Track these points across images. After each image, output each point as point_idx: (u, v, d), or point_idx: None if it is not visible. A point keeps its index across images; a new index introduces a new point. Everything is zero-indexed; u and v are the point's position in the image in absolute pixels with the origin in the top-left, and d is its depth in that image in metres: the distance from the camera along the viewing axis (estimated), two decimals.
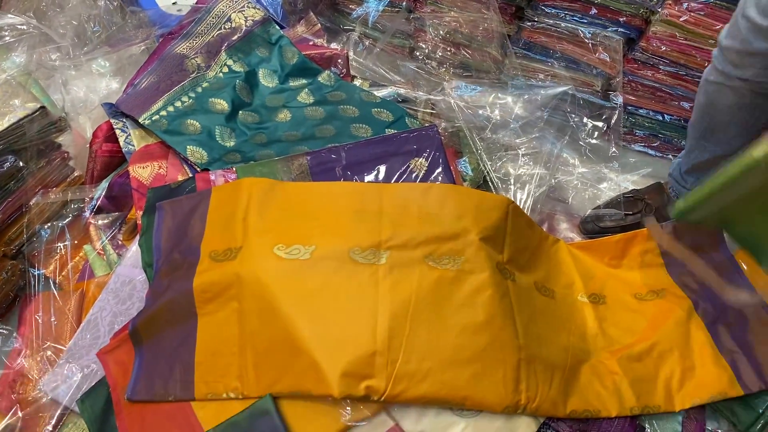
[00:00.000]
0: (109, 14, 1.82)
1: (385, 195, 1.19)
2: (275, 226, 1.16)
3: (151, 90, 1.56)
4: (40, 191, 1.45)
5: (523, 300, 1.18)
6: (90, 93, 1.74)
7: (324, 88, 1.64)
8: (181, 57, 1.63)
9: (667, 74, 1.54)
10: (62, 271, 1.43)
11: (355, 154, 1.38)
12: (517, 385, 1.06)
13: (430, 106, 1.65)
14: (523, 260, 1.27)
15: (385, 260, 1.11)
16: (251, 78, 1.63)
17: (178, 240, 1.23)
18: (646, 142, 1.71)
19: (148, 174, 1.41)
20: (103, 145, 1.50)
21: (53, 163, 1.49)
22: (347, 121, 1.52)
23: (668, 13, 1.42)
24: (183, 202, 1.27)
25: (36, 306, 1.35)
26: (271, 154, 1.43)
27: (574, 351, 1.20)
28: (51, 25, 1.78)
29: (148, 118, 1.48)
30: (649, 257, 1.43)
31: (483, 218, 1.19)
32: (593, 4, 1.53)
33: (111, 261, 1.40)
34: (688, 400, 1.18)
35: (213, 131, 1.47)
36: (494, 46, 1.70)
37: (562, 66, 1.68)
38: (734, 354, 1.23)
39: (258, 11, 1.70)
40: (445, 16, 1.73)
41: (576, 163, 1.66)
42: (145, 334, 1.15)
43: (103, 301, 1.29)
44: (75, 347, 1.25)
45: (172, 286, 1.15)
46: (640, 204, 1.51)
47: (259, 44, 1.67)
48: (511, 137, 1.61)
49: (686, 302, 1.32)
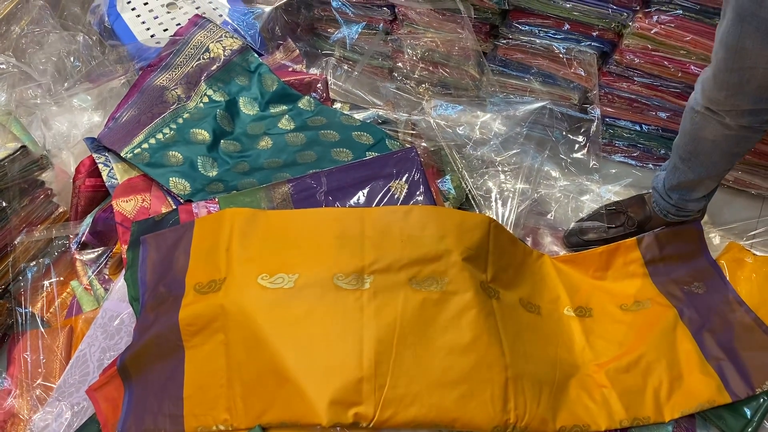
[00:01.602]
0: (88, 49, 1.83)
1: (367, 219, 1.20)
2: (258, 255, 1.17)
3: (132, 123, 1.57)
4: (25, 230, 1.46)
5: (509, 318, 1.18)
6: (72, 128, 1.74)
7: (304, 113, 1.65)
8: (161, 89, 1.63)
9: (642, 85, 1.56)
10: (50, 308, 1.43)
11: (336, 179, 1.39)
12: (506, 404, 1.07)
13: (411, 126, 1.66)
14: (507, 278, 1.27)
15: (369, 285, 1.12)
16: (232, 107, 1.64)
17: (163, 274, 1.23)
18: (627, 153, 1.73)
19: (132, 207, 1.41)
20: (87, 180, 1.50)
21: (37, 200, 1.50)
22: (328, 145, 1.53)
23: (639, 26, 1.44)
24: (166, 236, 1.28)
25: (24, 345, 1.34)
26: (254, 182, 1.43)
27: (561, 366, 1.21)
28: (31, 62, 1.79)
29: (129, 152, 1.48)
30: (633, 267, 1.45)
31: (465, 238, 1.20)
32: (566, 19, 1.55)
33: (98, 296, 1.40)
34: (677, 410, 1.19)
35: (195, 162, 1.48)
36: (471, 65, 1.72)
37: (539, 81, 1.70)
38: (721, 361, 1.24)
39: (236, 41, 1.71)
40: (421, 37, 1.75)
41: (557, 176, 1.67)
42: (134, 369, 1.15)
43: (91, 336, 1.29)
44: (64, 385, 1.24)
45: (158, 320, 1.15)
46: (622, 217, 1.52)
47: (238, 73, 1.69)
48: (492, 154, 1.62)
49: (671, 311, 1.33)
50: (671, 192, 1.41)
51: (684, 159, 1.31)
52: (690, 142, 1.26)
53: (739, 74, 1.03)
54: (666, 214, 1.46)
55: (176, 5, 1.89)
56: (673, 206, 1.42)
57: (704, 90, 1.13)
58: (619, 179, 1.69)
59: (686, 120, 1.24)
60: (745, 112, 1.11)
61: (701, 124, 1.20)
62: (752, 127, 1.15)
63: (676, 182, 1.37)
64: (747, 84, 1.04)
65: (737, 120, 1.13)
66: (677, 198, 1.40)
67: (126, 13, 1.87)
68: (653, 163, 1.71)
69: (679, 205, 1.42)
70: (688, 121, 1.24)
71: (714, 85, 1.09)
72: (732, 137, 1.18)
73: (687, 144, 1.27)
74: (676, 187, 1.38)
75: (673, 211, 1.44)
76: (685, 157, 1.30)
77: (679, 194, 1.40)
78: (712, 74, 1.08)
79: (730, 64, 1.02)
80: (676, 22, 1.41)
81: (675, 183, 1.37)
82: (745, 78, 1.03)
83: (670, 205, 1.43)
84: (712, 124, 1.18)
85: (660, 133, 1.65)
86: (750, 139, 1.20)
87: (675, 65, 1.47)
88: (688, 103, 1.22)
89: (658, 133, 1.65)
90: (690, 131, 1.24)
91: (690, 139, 1.26)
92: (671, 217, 1.46)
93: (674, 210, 1.43)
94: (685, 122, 1.25)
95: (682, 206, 1.42)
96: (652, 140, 1.68)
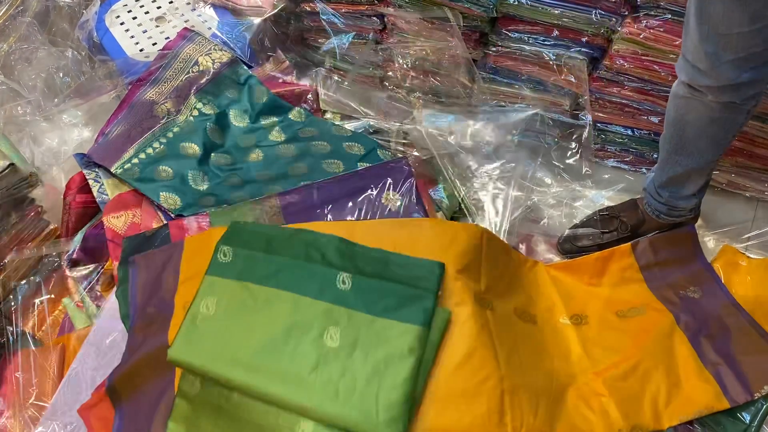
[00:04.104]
0: (77, 64, 1.82)
1: (357, 233, 1.19)
2: None
3: (122, 138, 1.57)
4: (15, 248, 1.45)
5: (504, 329, 1.17)
6: (62, 144, 1.74)
7: (295, 125, 1.64)
8: (151, 103, 1.63)
9: (633, 90, 1.56)
10: (41, 326, 1.42)
11: (328, 191, 1.38)
12: (502, 418, 1.05)
13: (403, 135, 1.65)
14: (501, 287, 1.27)
15: None
16: (222, 119, 1.63)
17: (152, 294, 1.22)
18: (619, 158, 1.72)
19: (123, 223, 1.40)
20: (77, 196, 1.49)
21: (27, 218, 1.49)
22: (319, 157, 1.52)
23: (628, 31, 1.44)
24: (156, 256, 1.27)
25: (16, 364, 1.33)
26: (245, 195, 1.43)
27: (558, 376, 1.20)
28: (20, 79, 1.79)
29: (120, 167, 1.48)
30: (628, 273, 1.44)
31: (457, 250, 1.19)
32: (555, 26, 1.55)
33: (90, 313, 1.39)
34: (676, 417, 1.18)
35: (186, 176, 1.47)
36: (462, 72, 1.72)
37: (529, 88, 1.69)
38: (718, 366, 1.24)
39: (225, 53, 1.70)
40: (411, 46, 1.74)
41: (550, 183, 1.67)
42: (123, 390, 1.14)
43: (83, 354, 1.28)
44: (57, 404, 1.23)
45: (147, 341, 1.15)
46: (615, 222, 1.51)
47: (228, 85, 1.68)
48: (484, 162, 1.62)
49: (668, 317, 1.33)
50: (661, 190, 1.41)
51: (671, 152, 1.31)
52: (676, 132, 1.26)
53: (715, 43, 1.03)
54: (658, 215, 1.46)
55: (165, 19, 1.89)
56: (664, 205, 1.42)
57: (685, 65, 1.14)
58: (612, 184, 1.68)
59: (670, 109, 1.25)
60: (725, 88, 1.11)
61: (685, 109, 1.20)
62: (734, 104, 1.14)
63: (665, 178, 1.37)
64: (723, 53, 1.04)
65: (718, 96, 1.13)
66: (668, 196, 1.40)
67: (114, 28, 1.87)
68: (646, 167, 1.71)
69: (670, 204, 1.42)
70: (672, 110, 1.24)
71: (695, 56, 1.09)
72: (716, 120, 1.19)
73: (673, 134, 1.28)
74: (665, 183, 1.39)
75: (665, 210, 1.44)
76: (673, 150, 1.30)
77: (669, 192, 1.40)
78: (693, 46, 1.08)
79: (704, 32, 1.03)
80: (664, 26, 1.41)
81: (664, 179, 1.38)
82: (720, 46, 1.03)
83: (661, 204, 1.43)
84: (695, 107, 1.18)
85: (652, 137, 1.64)
86: (734, 121, 1.20)
87: (665, 69, 1.47)
88: (671, 93, 1.23)
89: (650, 137, 1.65)
90: (674, 119, 1.25)
91: (675, 128, 1.26)
92: (664, 218, 1.46)
93: (666, 209, 1.43)
94: (669, 112, 1.26)
95: (673, 205, 1.42)
96: (644, 144, 1.67)
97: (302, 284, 1.11)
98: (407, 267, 1.13)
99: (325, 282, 1.11)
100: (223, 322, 1.09)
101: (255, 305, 1.10)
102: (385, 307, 1.09)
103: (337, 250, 1.15)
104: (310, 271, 1.12)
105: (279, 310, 1.09)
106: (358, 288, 1.11)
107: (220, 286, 1.12)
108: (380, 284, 1.11)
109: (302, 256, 1.15)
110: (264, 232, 1.20)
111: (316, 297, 1.09)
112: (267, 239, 1.18)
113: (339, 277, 1.11)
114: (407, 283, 1.11)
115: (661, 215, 1.46)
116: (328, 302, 1.09)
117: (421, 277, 1.12)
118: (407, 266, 1.14)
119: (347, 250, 1.16)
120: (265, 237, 1.19)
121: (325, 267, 1.13)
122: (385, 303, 1.09)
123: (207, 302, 1.10)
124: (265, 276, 1.13)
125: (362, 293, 1.10)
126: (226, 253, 1.15)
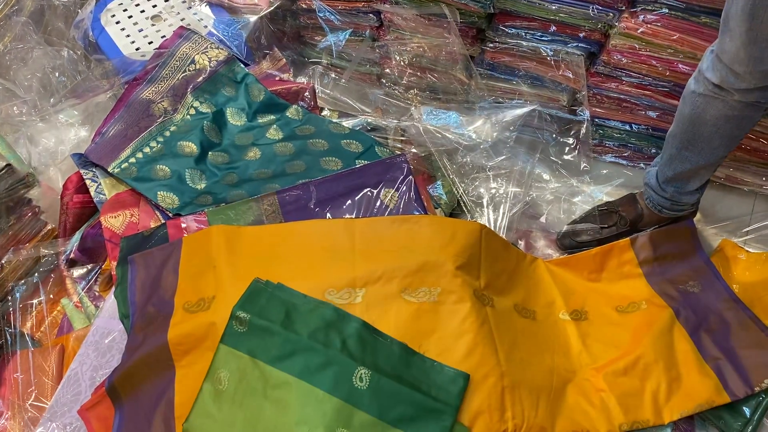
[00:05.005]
0: (73, 64, 1.82)
1: (357, 230, 1.19)
2: (248, 273, 1.16)
3: (119, 137, 1.56)
4: (12, 248, 1.44)
5: (504, 325, 1.17)
6: (59, 144, 1.74)
7: (292, 122, 1.64)
8: (148, 102, 1.62)
9: (631, 85, 1.55)
10: (40, 327, 1.41)
11: (326, 189, 1.38)
12: (503, 414, 1.05)
13: (401, 132, 1.65)
14: (500, 283, 1.26)
15: (361, 299, 1.11)
16: (219, 118, 1.63)
17: (152, 293, 1.22)
18: (617, 153, 1.72)
19: (120, 223, 1.40)
20: (75, 196, 1.49)
21: (24, 218, 1.49)
22: (317, 155, 1.52)
23: (626, 26, 1.44)
24: (155, 255, 1.26)
25: (14, 365, 1.33)
26: (243, 194, 1.42)
27: (558, 371, 1.20)
28: (15, 79, 1.78)
29: (117, 167, 1.47)
30: (627, 268, 1.44)
31: (456, 247, 1.19)
32: (552, 21, 1.54)
33: (89, 313, 1.38)
34: (676, 412, 1.18)
35: (183, 175, 1.47)
36: (459, 69, 1.71)
37: (527, 84, 1.69)
38: (718, 361, 1.24)
39: (221, 51, 1.70)
40: (408, 43, 1.74)
41: (549, 179, 1.67)
42: (123, 390, 1.13)
43: (82, 355, 1.27)
44: (56, 405, 1.23)
45: (146, 340, 1.14)
46: (614, 216, 1.52)
47: (224, 84, 1.67)
48: (483, 158, 1.61)
49: (667, 311, 1.32)
50: (666, 185, 1.40)
51: (681, 148, 1.30)
52: (689, 129, 1.25)
53: (762, 47, 1.02)
54: (660, 210, 1.45)
55: (161, 17, 1.88)
56: (668, 200, 1.42)
57: (718, 66, 1.12)
58: (611, 179, 1.68)
59: (686, 105, 1.23)
60: (757, 89, 1.11)
61: (703, 106, 1.19)
62: (757, 103, 1.15)
63: (671, 174, 1.36)
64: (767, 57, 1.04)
65: (746, 96, 1.13)
66: (673, 191, 1.40)
67: (110, 27, 1.86)
68: (644, 162, 1.71)
69: (674, 199, 1.41)
70: (688, 106, 1.22)
71: (735, 59, 1.07)
72: (734, 118, 1.18)
73: (685, 131, 1.26)
74: (671, 179, 1.38)
75: (668, 205, 1.43)
76: (683, 146, 1.29)
77: (675, 187, 1.39)
78: (734, 49, 1.06)
79: (753, 36, 1.01)
80: (662, 21, 1.41)
81: (670, 175, 1.37)
82: (766, 50, 1.03)
83: (664, 200, 1.43)
84: (715, 106, 1.17)
85: (650, 132, 1.64)
86: (752, 119, 1.20)
87: (662, 64, 1.47)
88: (688, 88, 1.21)
89: (648, 132, 1.65)
90: (690, 116, 1.23)
91: (689, 125, 1.25)
92: (666, 212, 1.46)
93: (669, 204, 1.43)
94: (684, 108, 1.24)
95: (677, 200, 1.41)
96: (643, 139, 1.67)
97: (317, 374, 1.03)
98: (430, 372, 1.07)
99: (341, 375, 1.03)
100: (233, 400, 1.04)
101: (265, 389, 1.04)
102: (400, 415, 1.02)
103: (359, 337, 1.07)
104: (327, 359, 1.04)
105: (289, 400, 1.03)
106: (375, 388, 1.03)
107: (233, 359, 1.07)
108: (398, 388, 1.04)
109: (321, 339, 1.07)
110: (284, 299, 1.12)
111: (329, 391, 1.02)
112: (287, 310, 1.10)
113: (357, 372, 1.04)
114: (427, 392, 1.05)
115: (663, 210, 1.45)
116: (341, 399, 1.01)
117: (443, 388, 1.05)
118: (430, 371, 1.07)
119: (369, 339, 1.08)
120: (284, 306, 1.11)
121: (344, 356, 1.05)
122: (401, 411, 1.03)
123: (221, 375, 1.06)
124: (279, 357, 1.05)
125: (378, 395, 1.03)
126: (242, 321, 1.08)
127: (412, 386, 1.05)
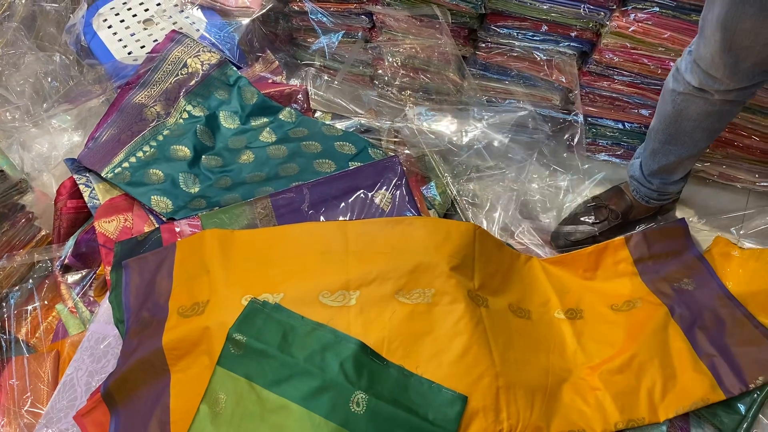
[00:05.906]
0: (65, 69, 1.81)
1: (350, 232, 1.19)
2: (242, 277, 1.15)
3: (112, 142, 1.56)
4: (6, 255, 1.44)
5: (498, 325, 1.17)
6: (52, 149, 1.73)
7: (285, 125, 1.64)
8: (140, 106, 1.62)
9: (623, 84, 1.56)
10: (35, 332, 1.41)
11: (319, 191, 1.38)
12: (498, 414, 1.05)
13: (394, 133, 1.65)
14: (495, 284, 1.27)
15: (355, 301, 1.11)
16: (212, 121, 1.62)
17: (146, 298, 1.22)
18: (611, 151, 1.73)
19: (114, 228, 1.40)
20: (68, 201, 1.48)
21: (18, 224, 1.48)
22: (310, 157, 1.52)
23: (617, 24, 1.44)
24: (149, 260, 1.26)
25: (9, 371, 1.32)
26: (237, 197, 1.42)
27: (554, 371, 1.20)
28: (7, 84, 1.77)
29: (110, 172, 1.47)
30: (622, 266, 1.44)
31: (450, 248, 1.19)
32: (544, 21, 1.55)
33: (84, 318, 1.38)
34: (672, 410, 1.18)
35: (176, 179, 1.47)
36: (452, 69, 1.72)
37: (520, 84, 1.69)
38: (713, 358, 1.24)
39: (214, 54, 1.70)
40: (401, 44, 1.74)
41: (542, 178, 1.67)
42: (119, 395, 1.13)
43: (78, 360, 1.27)
44: (52, 411, 1.22)
45: (141, 345, 1.14)
46: (604, 211, 1.53)
47: (217, 87, 1.67)
48: (476, 159, 1.62)
49: (662, 309, 1.33)
50: (652, 178, 1.43)
51: (664, 142, 1.32)
52: (671, 125, 1.28)
53: (736, 54, 1.05)
54: (648, 200, 1.49)
55: (153, 21, 1.88)
56: (655, 191, 1.46)
57: (696, 71, 1.15)
58: (605, 178, 1.69)
59: (666, 103, 1.25)
60: (736, 90, 1.13)
61: (685, 104, 1.21)
62: (737, 101, 1.18)
63: (656, 167, 1.39)
64: (743, 62, 1.06)
65: (725, 96, 1.15)
66: (659, 183, 1.43)
67: (102, 31, 1.86)
68: None
69: (661, 190, 1.45)
70: (668, 104, 1.25)
71: (711, 65, 1.10)
72: (715, 113, 1.21)
73: (667, 127, 1.29)
74: (656, 172, 1.41)
75: (655, 196, 1.47)
76: (666, 141, 1.31)
77: (661, 179, 1.43)
78: (710, 56, 1.09)
79: (728, 45, 1.04)
80: (653, 20, 1.41)
81: (655, 168, 1.40)
82: (741, 57, 1.05)
83: (651, 191, 1.46)
84: (696, 103, 1.20)
85: (643, 130, 1.65)
86: (732, 112, 1.23)
87: (654, 62, 1.47)
88: (667, 87, 1.24)
89: (641, 130, 1.65)
90: (671, 114, 1.25)
91: (671, 122, 1.27)
92: (653, 203, 1.50)
93: (656, 195, 1.47)
94: (664, 106, 1.27)
95: (663, 190, 1.46)
96: (636, 138, 1.68)
97: (313, 399, 1.02)
98: (428, 394, 1.06)
99: (338, 399, 1.02)
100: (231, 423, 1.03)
101: (262, 413, 1.03)
102: None
103: (356, 360, 1.05)
104: (324, 383, 1.03)
105: (287, 425, 1.01)
106: (372, 413, 1.01)
107: (230, 382, 1.05)
108: (395, 413, 1.03)
109: (317, 362, 1.05)
110: (281, 321, 1.10)
111: (326, 416, 1.00)
112: (284, 332, 1.09)
113: (354, 397, 1.02)
114: (424, 416, 1.04)
115: (651, 201, 1.49)
116: (338, 425, 1.00)
117: (440, 411, 1.04)
118: (428, 393, 1.06)
119: (366, 362, 1.06)
120: (281, 328, 1.09)
121: (341, 380, 1.03)
122: None
123: (217, 397, 1.05)
124: (276, 381, 1.04)
125: (375, 421, 1.01)
126: (238, 344, 1.06)
127: (409, 410, 1.04)
